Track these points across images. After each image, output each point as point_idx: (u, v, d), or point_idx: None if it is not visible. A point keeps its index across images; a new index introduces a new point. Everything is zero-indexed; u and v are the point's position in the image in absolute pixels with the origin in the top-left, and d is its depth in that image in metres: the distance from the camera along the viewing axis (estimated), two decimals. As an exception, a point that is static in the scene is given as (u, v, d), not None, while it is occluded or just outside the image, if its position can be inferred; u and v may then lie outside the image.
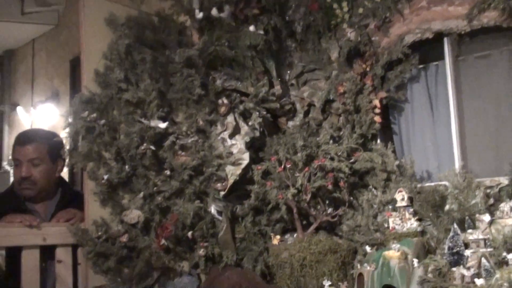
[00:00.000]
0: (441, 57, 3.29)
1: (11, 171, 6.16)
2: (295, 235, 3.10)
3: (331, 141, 3.20)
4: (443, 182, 2.99)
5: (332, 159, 3.09)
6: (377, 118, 3.27)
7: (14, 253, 2.65)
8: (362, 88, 3.27)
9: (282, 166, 3.07)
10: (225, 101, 3.17)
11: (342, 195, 3.08)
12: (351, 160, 3.14)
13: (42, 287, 2.74)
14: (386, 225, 2.92)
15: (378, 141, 3.36)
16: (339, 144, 3.19)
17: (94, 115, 2.88)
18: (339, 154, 3.11)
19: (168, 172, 2.99)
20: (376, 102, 3.27)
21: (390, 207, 2.96)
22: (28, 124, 6.42)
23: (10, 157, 6.44)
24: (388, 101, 3.38)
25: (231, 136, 3.16)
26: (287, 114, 3.43)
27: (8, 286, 2.29)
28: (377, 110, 3.27)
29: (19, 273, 2.64)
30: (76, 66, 5.94)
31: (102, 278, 2.84)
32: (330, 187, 3.03)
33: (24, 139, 3.01)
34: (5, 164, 6.91)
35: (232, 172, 3.11)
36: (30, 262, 2.70)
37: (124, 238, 2.82)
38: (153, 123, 2.95)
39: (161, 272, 2.92)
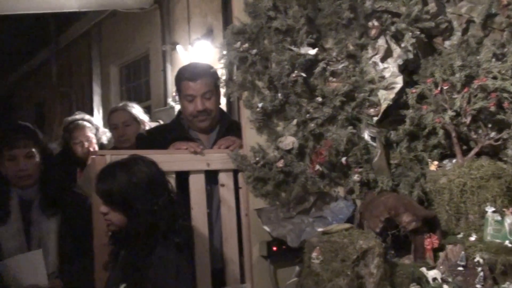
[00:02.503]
0: None
1: (176, 107, 6.61)
2: (454, 161, 2.98)
3: (493, 59, 2.95)
4: None
5: (495, 78, 2.87)
6: (548, 30, 2.96)
7: (183, 177, 2.89)
8: (530, -3, 2.96)
9: (439, 88, 2.93)
10: (376, 23, 3.05)
11: (506, 117, 2.87)
12: (517, 79, 2.90)
13: (208, 208, 2.99)
14: (559, 147, 2.69)
15: (550, 55, 3.03)
16: (503, 62, 2.94)
17: (246, 45, 2.95)
18: (503, 72, 2.87)
19: (319, 99, 3.00)
20: (547, 11, 2.95)
21: None
22: (187, 62, 6.76)
23: (173, 94, 6.89)
24: (562, 9, 3.02)
25: (383, 59, 3.05)
26: (443, 33, 3.20)
27: (180, 206, 2.55)
28: (548, 21, 2.96)
29: (188, 194, 2.89)
30: (227, 2, 6.10)
31: (261, 201, 2.99)
32: (492, 108, 2.84)
33: (193, 75, 3.16)
34: (169, 100, 7.37)
35: (385, 97, 3.02)
36: (197, 185, 2.94)
37: (280, 164, 2.93)
38: (303, 50, 2.95)
39: (317, 196, 3.01)
